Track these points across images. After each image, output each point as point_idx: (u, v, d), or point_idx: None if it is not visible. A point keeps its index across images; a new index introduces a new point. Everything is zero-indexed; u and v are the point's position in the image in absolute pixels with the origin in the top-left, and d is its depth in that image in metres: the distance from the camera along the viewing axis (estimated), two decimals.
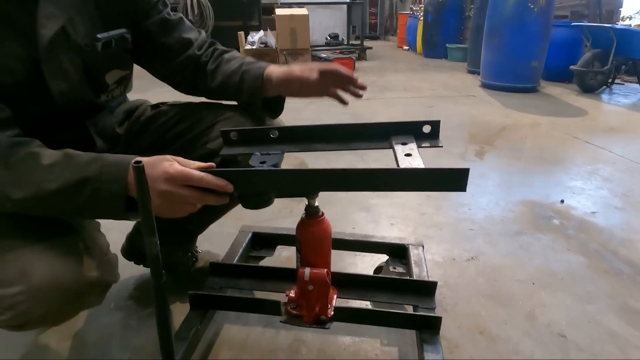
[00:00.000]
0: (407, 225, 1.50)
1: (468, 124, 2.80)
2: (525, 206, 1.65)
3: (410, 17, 6.63)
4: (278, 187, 0.65)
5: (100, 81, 0.78)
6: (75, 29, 0.70)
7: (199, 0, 4.18)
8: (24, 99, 0.68)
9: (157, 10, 0.83)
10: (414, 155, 0.66)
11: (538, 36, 3.53)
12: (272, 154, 0.70)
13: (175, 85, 0.91)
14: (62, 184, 0.59)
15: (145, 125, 0.91)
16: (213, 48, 0.89)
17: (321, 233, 0.75)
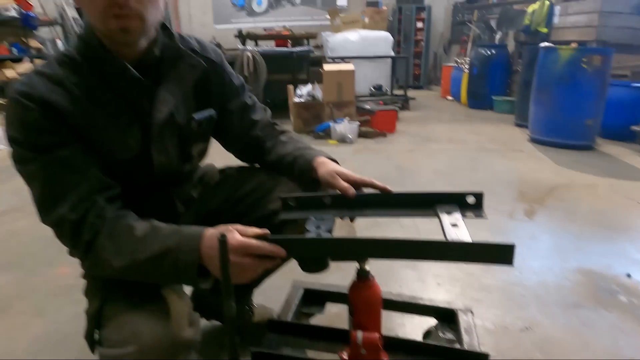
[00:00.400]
0: (454, 286, 1.46)
1: (516, 181, 2.71)
2: (584, 275, 1.54)
3: (455, 69, 6.75)
4: (331, 254, 0.71)
5: (188, 153, 0.91)
6: (178, 111, 0.84)
7: (254, 57, 4.54)
8: (131, 172, 0.81)
9: (238, 94, 0.97)
10: (459, 225, 0.69)
11: (592, 95, 3.38)
12: (326, 219, 0.76)
13: (238, 156, 1.03)
14: (150, 254, 0.68)
15: (215, 190, 1.01)
16: (273, 127, 1.01)
17: (372, 297, 0.78)
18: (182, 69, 0.84)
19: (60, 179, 0.70)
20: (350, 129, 3.81)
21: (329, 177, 0.83)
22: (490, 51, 5.76)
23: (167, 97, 0.81)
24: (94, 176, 0.73)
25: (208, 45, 0.94)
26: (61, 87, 0.71)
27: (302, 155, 0.91)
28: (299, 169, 0.90)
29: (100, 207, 0.71)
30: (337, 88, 4.14)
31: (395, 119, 4.40)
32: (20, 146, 0.71)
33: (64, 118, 0.71)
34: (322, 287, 1.12)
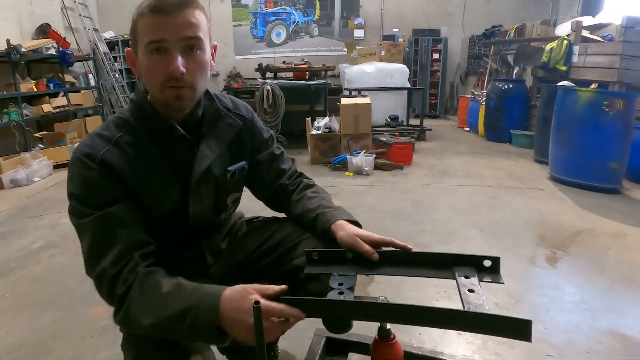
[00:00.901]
0: (476, 338, 1.40)
1: (537, 223, 2.64)
2: (617, 340, 1.45)
3: (472, 101, 6.76)
4: (351, 316, 0.75)
5: (223, 203, 0.98)
6: (215, 165, 0.91)
7: (273, 91, 4.67)
8: (169, 222, 0.87)
9: (267, 146, 1.04)
10: (476, 291, 0.71)
11: (615, 138, 3.25)
12: (348, 276, 0.80)
13: (267, 203, 1.08)
14: (173, 311, 0.71)
15: (242, 242, 1.05)
16: (300, 180, 1.06)
17: (393, 356, 0.81)
18: (221, 128, 0.93)
19: (108, 233, 0.76)
20: (366, 161, 3.82)
21: (350, 240, 0.85)
22: (508, 85, 5.77)
23: (207, 152, 0.89)
24: (137, 233, 0.79)
25: (240, 103, 1.03)
26: (117, 148, 0.81)
27: (324, 214, 0.94)
28: (321, 228, 0.93)
29: (135, 262, 0.76)
30: (354, 121, 4.19)
31: (412, 151, 4.40)
32: (77, 201, 0.78)
33: (119, 176, 0.79)
34: (345, 337, 1.12)
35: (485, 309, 0.66)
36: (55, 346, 1.50)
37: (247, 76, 6.80)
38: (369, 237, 0.84)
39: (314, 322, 1.38)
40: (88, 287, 0.83)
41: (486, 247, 2.21)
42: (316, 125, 4.34)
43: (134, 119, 0.85)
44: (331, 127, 4.27)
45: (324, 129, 4.27)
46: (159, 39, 0.76)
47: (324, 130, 4.27)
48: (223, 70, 7.62)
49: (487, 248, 2.20)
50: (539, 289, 1.82)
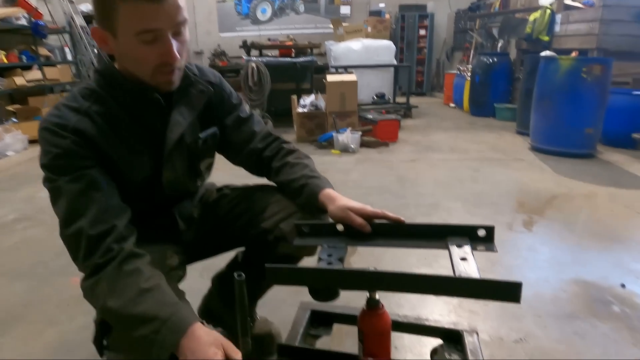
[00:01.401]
0: (452, 299, 1.49)
1: (517, 191, 2.74)
2: (579, 286, 1.57)
3: (457, 77, 6.79)
4: (340, 284, 0.74)
5: (197, 169, 0.99)
6: (187, 133, 0.91)
7: (258, 68, 4.62)
8: (142, 189, 0.88)
9: (235, 109, 1.02)
10: (469, 259, 0.70)
11: (592, 104, 3.41)
12: (338, 247, 0.79)
13: (246, 169, 1.07)
14: (139, 312, 0.69)
15: (212, 208, 1.07)
16: (278, 145, 1.03)
17: (382, 326, 0.81)
18: (192, 95, 0.92)
19: (85, 194, 0.77)
20: (352, 138, 3.86)
21: (342, 213, 0.84)
22: (492, 59, 5.80)
23: (180, 119, 0.89)
24: (114, 197, 0.80)
25: (206, 69, 1.01)
26: (88, 117, 0.80)
27: (309, 184, 0.93)
28: (305, 199, 0.92)
29: (120, 234, 0.76)
30: (340, 98, 4.20)
31: (398, 129, 4.44)
32: (51, 171, 0.78)
33: (93, 144, 0.79)
34: (330, 309, 1.14)
35: (477, 276, 0.66)
36: (27, 313, 1.50)
37: (232, 54, 6.70)
38: (360, 210, 0.83)
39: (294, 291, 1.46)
40: (65, 259, 0.83)
41: (467, 217, 2.29)
42: (302, 103, 4.34)
43: (101, 88, 0.83)
44: (317, 104, 4.28)
45: (310, 107, 4.27)
46: (154, 29, 0.73)
47: (310, 108, 4.28)
48: (207, 48, 7.47)
49: (468, 218, 2.28)
50: (515, 251, 1.91)
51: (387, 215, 0.82)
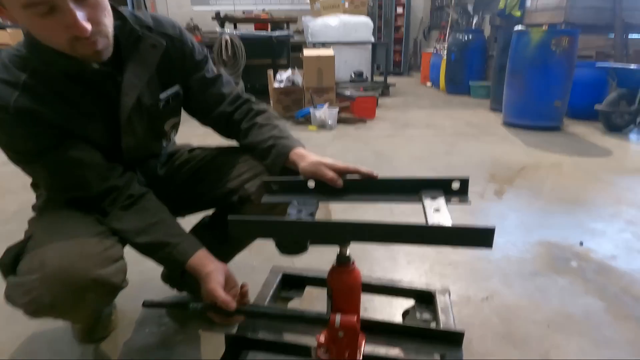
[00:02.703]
0: (423, 263, 1.53)
1: (489, 163, 2.82)
2: (543, 247, 1.65)
3: (434, 56, 6.82)
4: (311, 237, 0.71)
5: (161, 130, 0.94)
6: (144, 94, 0.85)
7: (232, 41, 4.48)
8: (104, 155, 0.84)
9: (199, 68, 0.95)
10: (442, 211, 0.69)
11: (560, 77, 3.55)
12: (308, 204, 0.76)
13: (217, 132, 1.03)
14: (151, 240, 0.82)
15: (180, 167, 1.04)
16: (248, 107, 0.98)
17: (352, 282, 0.79)
18: (143, 51, 0.82)
19: (67, 172, 0.78)
20: (330, 115, 3.84)
21: (313, 168, 0.81)
22: (467, 36, 5.85)
23: (134, 81, 0.81)
24: (96, 159, 0.82)
25: (164, 20, 0.90)
26: (27, 93, 0.71)
27: (277, 144, 0.89)
28: (272, 160, 0.89)
29: (118, 188, 0.84)
30: (317, 74, 4.15)
31: (375, 105, 4.45)
32: (12, 151, 0.75)
33: (40, 120, 0.72)
34: (301, 272, 1.13)
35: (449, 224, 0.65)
36: None
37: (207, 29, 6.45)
38: (332, 165, 0.80)
39: (265, 259, 1.46)
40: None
41: None
42: (279, 79, 4.27)
43: (33, 57, 0.72)
44: (294, 80, 4.22)
45: (286, 83, 4.21)
46: (42, 1, 0.61)
47: (286, 84, 4.21)
48: (179, 22, 7.19)
49: None
50: (486, 218, 1.98)
51: (359, 169, 0.80)
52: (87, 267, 0.72)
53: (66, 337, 1.12)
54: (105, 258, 0.75)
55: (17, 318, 1.18)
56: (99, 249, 0.76)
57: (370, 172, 0.80)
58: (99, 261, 0.74)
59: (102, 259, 0.75)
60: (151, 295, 1.27)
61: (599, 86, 3.92)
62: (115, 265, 0.77)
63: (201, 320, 1.16)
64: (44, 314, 0.73)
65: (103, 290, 0.74)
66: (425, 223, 0.66)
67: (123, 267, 0.80)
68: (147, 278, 1.32)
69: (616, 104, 3.58)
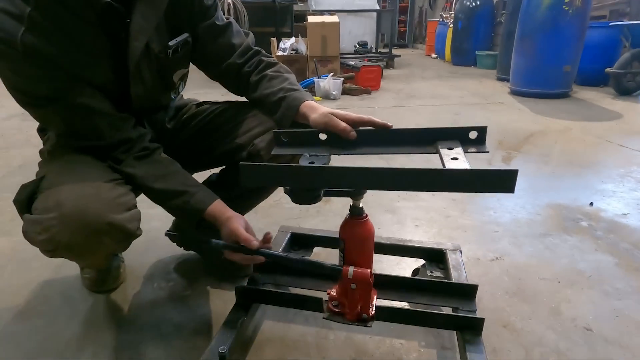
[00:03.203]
0: (431, 227, 1.53)
1: (496, 131, 2.77)
2: (553, 209, 1.64)
3: (440, 25, 6.63)
4: (326, 184, 0.68)
5: (169, 81, 0.91)
6: (153, 40, 0.81)
7: (235, 6, 4.36)
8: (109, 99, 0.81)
9: (208, 15, 0.90)
10: (460, 159, 0.66)
11: (572, 39, 3.44)
12: (320, 156, 0.73)
13: (224, 85, 1.00)
14: (169, 187, 0.82)
15: (188, 121, 1.02)
16: (258, 59, 0.95)
17: (365, 233, 0.77)
18: None
19: (81, 119, 0.76)
20: (334, 85, 3.77)
21: (324, 119, 0.77)
22: (475, 2, 5.67)
23: (143, 23, 0.77)
24: (109, 109, 0.80)
25: None
26: (34, 28, 0.67)
27: (287, 97, 0.86)
28: (283, 112, 0.86)
29: (132, 141, 0.83)
30: (322, 42, 4.05)
31: (380, 76, 4.37)
32: (20, 92, 0.72)
33: (50, 62, 0.70)
34: (310, 232, 1.12)
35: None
36: None
37: None
38: (345, 116, 0.76)
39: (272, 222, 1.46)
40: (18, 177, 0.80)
41: None
42: (282, 47, 4.17)
43: None
44: (298, 48, 4.12)
45: (290, 51, 4.11)
46: None
47: (290, 52, 4.12)
48: None
49: None
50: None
51: (373, 120, 0.76)
52: (103, 211, 0.71)
53: (78, 285, 1.15)
54: (119, 204, 0.75)
55: (31, 265, 1.23)
56: (113, 194, 0.75)
57: (384, 123, 0.77)
58: (114, 206, 0.73)
59: (117, 204, 0.74)
60: (157, 254, 1.29)
61: (610, 49, 3.81)
62: (130, 212, 0.77)
63: (210, 276, 1.17)
64: (60, 253, 0.74)
65: (118, 236, 0.74)
66: None
67: (137, 215, 0.80)
68: (153, 237, 1.33)
69: (628, 66, 3.48)
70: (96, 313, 1.05)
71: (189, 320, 1.01)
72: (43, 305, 1.08)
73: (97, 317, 1.03)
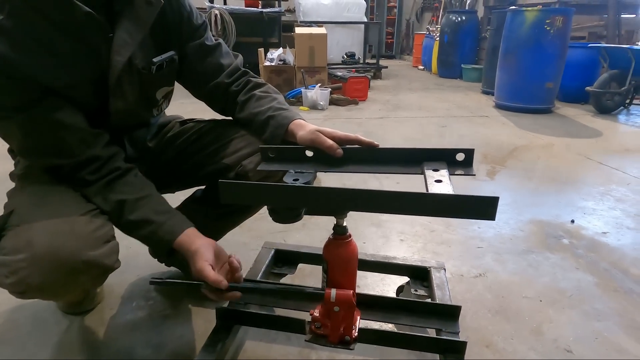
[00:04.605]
0: (416, 242, 1.53)
1: (481, 144, 2.82)
2: (535, 225, 1.66)
3: (427, 38, 6.75)
4: (307, 204, 0.67)
5: (152, 97, 0.88)
6: (137, 55, 0.79)
7: (222, 17, 4.35)
8: (87, 117, 0.78)
9: (197, 35, 0.90)
10: (444, 182, 0.66)
11: (554, 57, 3.56)
12: (305, 173, 0.72)
13: (209, 105, 0.98)
14: (137, 217, 0.77)
15: (172, 141, 0.99)
16: (246, 79, 0.94)
17: (348, 254, 0.76)
18: (138, 7, 0.77)
19: (50, 134, 0.72)
20: (321, 95, 3.79)
21: (311, 136, 0.77)
22: (461, 17, 5.79)
23: (126, 38, 0.75)
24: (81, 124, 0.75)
25: None
26: (3, 35, 0.64)
27: (275, 116, 0.85)
28: (271, 131, 0.84)
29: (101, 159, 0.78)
30: (309, 53, 4.07)
31: (367, 87, 4.40)
32: None
33: (19, 71, 0.66)
34: (294, 248, 1.10)
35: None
36: None
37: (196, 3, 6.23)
38: (332, 134, 0.76)
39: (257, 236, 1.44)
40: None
41: None
42: (269, 57, 4.17)
43: None
44: (285, 59, 4.13)
45: (277, 61, 4.12)
46: None
47: (277, 63, 4.12)
48: None
49: None
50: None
51: (360, 139, 0.76)
52: (78, 248, 0.68)
53: (51, 308, 1.09)
54: (96, 238, 0.72)
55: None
56: (89, 228, 0.71)
57: (371, 142, 0.76)
58: (90, 242, 0.70)
59: (93, 239, 0.71)
60: (137, 271, 1.25)
61: (590, 68, 3.94)
62: (107, 245, 0.73)
63: (191, 294, 1.14)
64: (32, 295, 0.70)
65: (95, 272, 0.71)
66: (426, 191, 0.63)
67: (115, 248, 0.77)
68: (133, 253, 1.29)
69: (607, 86, 3.60)
70: (70, 338, 1.00)
71: (168, 341, 0.98)
72: (11, 331, 1.02)
73: (70, 343, 0.98)
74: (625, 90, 3.58)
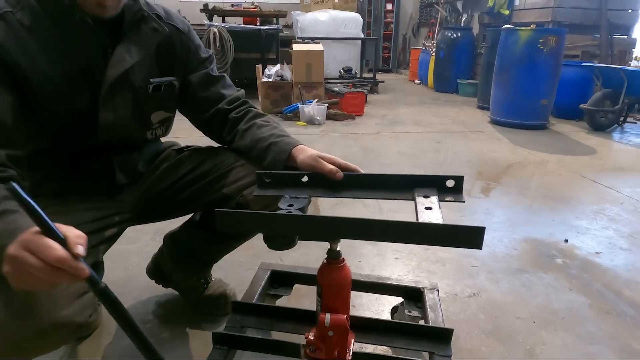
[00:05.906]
0: (411, 260, 1.53)
1: (476, 161, 2.84)
2: (529, 244, 1.67)
3: (423, 53, 6.85)
4: (300, 232, 0.69)
5: (146, 119, 0.90)
6: (134, 72, 0.82)
7: (220, 34, 4.42)
8: (74, 126, 0.79)
9: (203, 66, 0.94)
10: (434, 209, 0.68)
11: (548, 75, 3.60)
12: (300, 198, 0.74)
13: (205, 132, 0.99)
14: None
15: (168, 170, 0.97)
16: (247, 108, 0.96)
17: (342, 279, 0.77)
18: (143, 32, 0.82)
19: None
20: (318, 110, 3.82)
21: (311, 161, 0.79)
22: (456, 34, 5.89)
23: (124, 56, 0.79)
24: (5, 125, 0.67)
25: (175, 14, 0.92)
26: (4, 23, 0.68)
27: (277, 142, 0.86)
28: (273, 157, 0.85)
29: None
30: (306, 69, 4.12)
31: (364, 102, 4.45)
32: None
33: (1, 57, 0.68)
34: (290, 269, 1.11)
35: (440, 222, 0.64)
36: None
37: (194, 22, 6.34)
38: (331, 159, 0.78)
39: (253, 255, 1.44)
40: None
41: None
42: (267, 73, 4.22)
43: None
44: (283, 75, 4.18)
45: (275, 77, 4.16)
46: None
47: (275, 78, 4.16)
48: None
49: None
50: (472, 215, 1.99)
51: (357, 169, 0.79)
52: (45, 309, 0.61)
53: None
54: (69, 294, 0.65)
55: None
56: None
57: None
58: (60, 298, 0.63)
59: (65, 296, 0.64)
60: (135, 294, 1.24)
61: (584, 85, 4.00)
62: (79, 301, 0.66)
63: (189, 316, 1.14)
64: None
65: (67, 332, 0.65)
66: (415, 220, 0.65)
67: (88, 302, 0.69)
68: (132, 274, 1.29)
69: (601, 104, 3.65)
70: None
71: None
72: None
73: None
74: (619, 108, 3.63)
